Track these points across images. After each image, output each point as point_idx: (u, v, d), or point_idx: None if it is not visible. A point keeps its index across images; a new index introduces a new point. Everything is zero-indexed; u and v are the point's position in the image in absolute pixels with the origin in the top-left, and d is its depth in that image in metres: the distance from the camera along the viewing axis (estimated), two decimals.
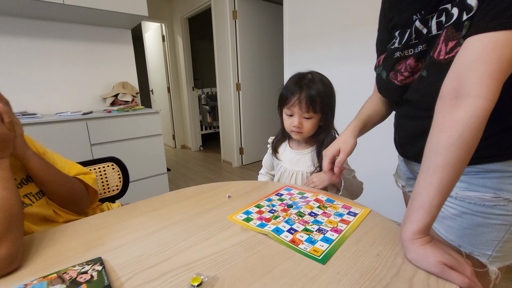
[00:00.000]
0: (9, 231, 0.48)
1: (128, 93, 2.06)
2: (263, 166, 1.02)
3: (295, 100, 0.77)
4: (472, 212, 0.53)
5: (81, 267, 0.44)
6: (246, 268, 0.45)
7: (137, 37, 3.34)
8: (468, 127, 0.41)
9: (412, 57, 0.57)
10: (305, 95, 0.77)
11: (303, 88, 0.77)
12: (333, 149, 0.68)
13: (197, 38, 4.87)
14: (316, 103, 0.77)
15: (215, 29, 3.16)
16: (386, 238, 0.53)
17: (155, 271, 0.45)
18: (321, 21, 1.94)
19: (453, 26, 0.47)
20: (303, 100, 0.76)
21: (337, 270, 0.44)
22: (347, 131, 0.70)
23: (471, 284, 0.39)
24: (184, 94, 4.08)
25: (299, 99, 0.77)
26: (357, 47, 1.74)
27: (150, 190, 2.01)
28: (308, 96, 0.76)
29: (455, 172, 0.43)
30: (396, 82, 0.61)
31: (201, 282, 0.41)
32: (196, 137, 4.25)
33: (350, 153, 0.67)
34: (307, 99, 0.76)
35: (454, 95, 0.43)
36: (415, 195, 0.46)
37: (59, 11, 1.64)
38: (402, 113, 0.67)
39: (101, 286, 0.40)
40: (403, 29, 0.59)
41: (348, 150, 0.66)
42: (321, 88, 0.78)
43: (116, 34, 2.09)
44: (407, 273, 0.43)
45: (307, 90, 0.77)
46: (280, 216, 0.62)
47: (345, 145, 0.67)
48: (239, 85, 3.10)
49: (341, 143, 0.68)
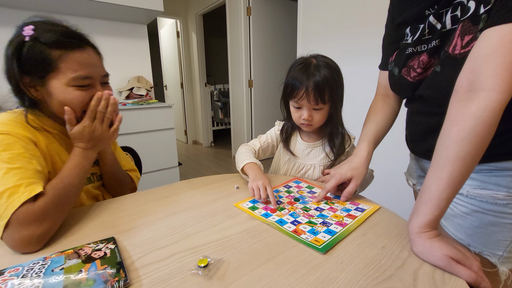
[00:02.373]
0: (54, 215, 0.51)
1: (143, 87, 2.11)
2: (257, 143, 0.90)
3: (303, 93, 0.73)
4: (483, 210, 0.52)
5: (95, 244, 0.47)
6: (251, 253, 0.46)
7: (152, 34, 3.41)
8: (481, 120, 0.40)
9: (425, 53, 0.56)
10: (312, 86, 0.72)
11: (310, 79, 0.72)
12: (344, 175, 0.66)
13: (210, 35, 4.91)
14: (325, 93, 0.73)
15: (229, 25, 3.18)
16: (393, 232, 0.53)
17: (164, 252, 0.47)
18: (336, 18, 1.91)
19: (469, 19, 0.46)
20: (311, 93, 0.72)
21: (341, 259, 0.45)
22: (361, 158, 0.67)
23: (478, 279, 0.39)
24: (196, 90, 4.13)
25: (306, 91, 0.72)
26: (373, 44, 1.71)
27: (161, 182, 2.04)
28: (316, 87, 0.72)
29: (465, 166, 0.42)
30: (409, 78, 0.60)
31: (208, 264, 0.42)
32: (208, 133, 4.30)
33: (359, 185, 0.66)
34: (315, 91, 0.72)
35: (468, 88, 0.42)
36: (424, 188, 0.46)
37: (78, 5, 1.70)
38: (414, 110, 0.65)
39: (114, 263, 0.42)
40: (414, 25, 0.58)
41: (360, 182, 0.65)
42: (328, 75, 0.72)
43: (133, 29, 2.14)
44: (412, 266, 0.43)
45: (314, 80, 0.72)
46: (285, 209, 0.63)
47: (358, 175, 0.65)
48: (252, 82, 3.11)
49: (354, 172, 0.65)
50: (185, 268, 0.42)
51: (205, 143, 4.29)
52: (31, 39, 0.55)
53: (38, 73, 0.56)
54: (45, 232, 0.49)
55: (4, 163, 0.50)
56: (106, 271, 0.40)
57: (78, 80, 0.58)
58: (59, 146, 0.65)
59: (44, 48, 0.55)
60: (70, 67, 0.57)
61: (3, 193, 0.47)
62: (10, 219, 0.46)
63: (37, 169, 0.54)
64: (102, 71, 0.65)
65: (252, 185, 0.67)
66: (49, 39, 0.56)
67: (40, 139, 0.60)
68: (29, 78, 0.57)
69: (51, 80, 0.57)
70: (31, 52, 0.55)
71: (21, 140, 0.54)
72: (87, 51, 0.61)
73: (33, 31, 0.56)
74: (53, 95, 0.58)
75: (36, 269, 0.40)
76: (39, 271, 0.39)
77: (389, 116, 0.73)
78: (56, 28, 0.58)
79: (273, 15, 3.09)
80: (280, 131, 0.89)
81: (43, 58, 0.55)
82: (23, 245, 0.46)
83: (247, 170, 0.75)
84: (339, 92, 0.77)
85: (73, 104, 0.59)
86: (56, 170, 0.61)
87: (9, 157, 0.51)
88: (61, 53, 0.56)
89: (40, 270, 0.40)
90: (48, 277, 0.38)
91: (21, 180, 0.49)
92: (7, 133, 0.54)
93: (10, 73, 0.57)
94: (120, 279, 0.39)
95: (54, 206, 0.51)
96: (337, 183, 0.66)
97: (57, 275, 0.39)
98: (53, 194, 0.52)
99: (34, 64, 0.56)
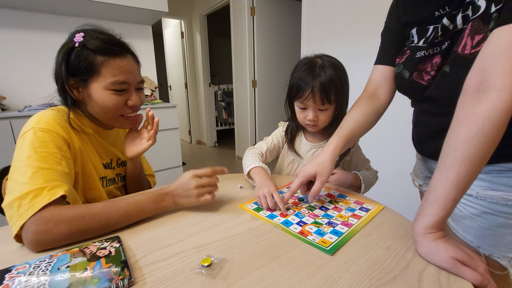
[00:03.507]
0: (75, 225, 0.49)
1: (148, 87, 2.13)
2: (264, 145, 0.88)
3: (308, 94, 0.72)
4: (493, 212, 0.51)
5: (100, 243, 0.47)
6: (255, 253, 0.46)
7: (157, 34, 3.43)
8: (489, 121, 0.40)
9: (438, 55, 0.54)
10: (318, 87, 0.71)
11: (315, 79, 0.72)
12: (308, 171, 0.61)
13: (214, 35, 4.92)
14: (331, 93, 0.72)
15: (233, 25, 3.18)
16: (398, 233, 0.52)
17: (168, 251, 0.47)
18: (340, 17, 1.90)
19: (480, 18, 0.45)
20: (316, 93, 0.72)
21: (344, 260, 0.44)
22: (326, 153, 0.63)
23: (484, 281, 0.38)
24: (200, 90, 4.15)
25: (312, 92, 0.72)
26: (377, 44, 1.69)
27: (166, 182, 2.04)
28: (321, 87, 0.71)
29: (473, 167, 0.41)
30: (423, 82, 0.58)
31: (211, 263, 0.43)
32: (212, 133, 4.31)
33: (325, 182, 0.61)
34: (321, 91, 0.71)
35: (477, 88, 0.42)
36: (430, 189, 0.45)
37: (84, 7, 1.72)
38: (422, 110, 0.64)
39: (118, 261, 0.42)
40: (422, 27, 0.57)
41: (325, 179, 0.61)
42: (334, 75, 0.72)
43: (138, 30, 2.16)
44: (417, 267, 0.42)
45: (320, 80, 0.71)
46: (290, 209, 0.62)
47: (323, 171, 0.61)
48: (255, 82, 3.11)
49: (319, 167, 0.61)
50: (189, 267, 0.43)
51: (209, 143, 4.31)
52: (80, 45, 0.61)
53: (82, 75, 0.62)
54: (56, 240, 0.48)
55: (37, 161, 0.53)
56: (111, 269, 0.40)
57: (115, 85, 0.63)
58: (92, 148, 0.69)
59: (90, 54, 0.61)
60: (110, 72, 0.62)
61: (28, 194, 0.49)
62: (27, 220, 0.47)
63: (65, 171, 0.56)
64: (138, 78, 0.69)
65: (258, 194, 0.64)
66: (95, 46, 0.61)
67: (75, 139, 0.63)
68: (74, 80, 0.63)
69: (92, 83, 0.62)
70: (78, 57, 0.61)
71: (56, 140, 0.58)
72: (127, 58, 0.65)
73: (83, 38, 0.61)
74: (92, 97, 0.63)
75: (42, 267, 0.40)
76: (45, 269, 0.40)
77: (370, 117, 0.69)
78: (102, 36, 0.63)
79: (277, 15, 3.09)
80: (285, 132, 0.89)
81: (88, 62, 0.61)
82: (32, 245, 0.47)
83: (253, 175, 0.73)
84: (344, 92, 0.76)
85: (109, 107, 0.64)
86: (85, 171, 0.65)
87: (42, 155, 0.54)
88: (104, 59, 0.61)
89: (46, 267, 0.40)
90: (54, 274, 0.39)
91: (46, 183, 0.51)
92: (47, 130, 0.57)
93: (58, 74, 0.62)
94: (124, 277, 0.39)
95: (78, 223, 0.50)
96: (301, 181, 0.62)
97: (63, 273, 0.39)
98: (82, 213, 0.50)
99: (80, 67, 0.61)
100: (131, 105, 0.68)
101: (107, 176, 0.74)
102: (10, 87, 1.75)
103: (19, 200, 0.48)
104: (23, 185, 0.50)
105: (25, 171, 0.51)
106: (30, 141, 0.54)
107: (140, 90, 0.71)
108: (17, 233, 0.47)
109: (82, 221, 0.49)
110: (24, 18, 1.73)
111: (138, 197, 0.57)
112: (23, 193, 0.49)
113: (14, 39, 1.72)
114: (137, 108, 0.71)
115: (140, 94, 0.70)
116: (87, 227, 0.50)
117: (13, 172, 0.53)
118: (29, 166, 0.52)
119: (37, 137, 0.55)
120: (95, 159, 0.69)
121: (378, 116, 0.71)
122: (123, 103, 0.66)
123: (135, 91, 0.68)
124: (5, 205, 0.50)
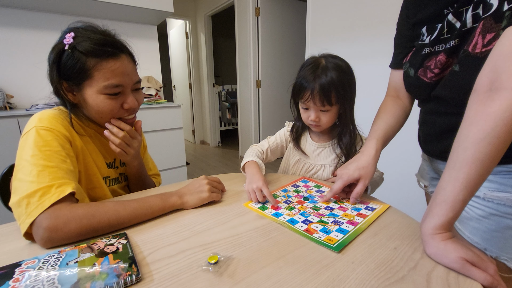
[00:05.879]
0: (85, 223, 0.49)
1: (152, 87, 2.14)
2: (266, 143, 0.89)
3: (309, 95, 0.72)
4: (501, 214, 0.50)
5: (108, 239, 0.48)
6: (261, 251, 0.46)
7: (162, 34, 3.46)
8: (502, 121, 0.39)
9: (443, 53, 0.54)
10: (318, 89, 0.71)
11: (315, 81, 0.71)
12: (352, 175, 0.63)
13: (219, 36, 4.94)
14: (331, 95, 0.71)
15: (237, 26, 3.19)
16: (405, 233, 0.52)
17: (174, 248, 0.47)
18: (345, 18, 1.90)
19: (492, 17, 0.44)
20: (316, 95, 0.71)
21: (352, 259, 0.44)
22: (369, 157, 0.64)
23: (494, 282, 0.38)
24: (205, 90, 4.16)
25: (312, 93, 0.71)
26: (381, 45, 1.69)
27: (169, 181, 2.06)
28: (321, 89, 0.71)
29: (483, 168, 0.41)
30: (426, 79, 0.58)
31: (218, 261, 0.43)
32: (215, 133, 4.32)
33: (367, 185, 0.63)
34: (321, 93, 0.71)
35: (489, 87, 0.41)
36: (438, 189, 0.45)
37: (90, 7, 1.74)
38: (429, 110, 0.63)
39: (126, 257, 0.43)
40: (431, 24, 0.57)
41: (368, 182, 0.62)
42: (335, 77, 0.71)
43: (143, 30, 2.18)
44: (425, 268, 0.42)
45: (320, 82, 0.71)
46: (295, 208, 0.62)
47: (366, 175, 0.62)
48: (259, 82, 3.11)
49: (362, 171, 0.62)
50: (196, 264, 0.43)
51: (213, 143, 4.32)
52: (70, 47, 0.58)
53: (75, 80, 0.60)
54: (66, 238, 0.48)
55: (42, 160, 0.53)
56: (119, 265, 0.41)
57: (109, 89, 0.60)
58: (94, 147, 0.69)
59: (81, 57, 0.58)
60: (103, 76, 0.59)
61: (36, 192, 0.49)
62: (36, 218, 0.47)
63: (70, 169, 0.56)
64: (134, 78, 0.66)
65: (248, 189, 0.67)
66: (86, 48, 0.58)
67: (76, 138, 0.63)
68: (67, 84, 0.61)
69: (86, 87, 0.60)
70: (69, 60, 0.58)
71: (59, 138, 0.58)
72: (121, 59, 0.62)
73: (73, 39, 0.58)
74: (87, 101, 0.62)
75: (51, 262, 0.41)
76: (54, 264, 0.40)
77: (399, 117, 0.70)
78: (94, 36, 0.60)
79: (282, 16, 3.09)
80: (290, 131, 0.89)
81: (80, 66, 0.58)
82: (43, 241, 0.47)
83: (246, 168, 0.76)
84: (348, 93, 0.75)
85: (103, 112, 0.63)
86: (87, 170, 0.65)
87: (47, 154, 0.54)
88: (96, 61, 0.58)
89: (55, 262, 0.41)
90: (63, 269, 0.39)
91: (53, 181, 0.51)
92: (49, 129, 0.57)
93: (51, 78, 0.61)
94: (132, 273, 0.39)
95: (88, 220, 0.50)
96: (344, 184, 0.63)
97: (72, 268, 0.39)
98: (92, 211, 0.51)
99: (72, 71, 0.59)
100: (127, 108, 0.65)
101: (110, 176, 0.73)
102: (18, 86, 1.77)
103: (27, 198, 0.48)
104: (30, 183, 0.49)
105: (31, 169, 0.51)
106: (33, 140, 0.54)
107: (138, 91, 0.68)
108: (27, 230, 0.47)
109: (92, 219, 0.50)
110: (32, 18, 1.76)
111: (146, 196, 0.59)
112: (31, 191, 0.48)
113: (22, 38, 1.75)
114: (135, 110, 0.69)
115: (137, 95, 0.68)
116: (97, 225, 0.50)
117: (18, 171, 0.52)
118: (34, 164, 0.51)
119: (40, 135, 0.55)
120: (98, 159, 0.69)
121: (406, 116, 0.73)
122: (118, 106, 0.64)
123: (131, 93, 0.65)
124: (12, 204, 0.49)
